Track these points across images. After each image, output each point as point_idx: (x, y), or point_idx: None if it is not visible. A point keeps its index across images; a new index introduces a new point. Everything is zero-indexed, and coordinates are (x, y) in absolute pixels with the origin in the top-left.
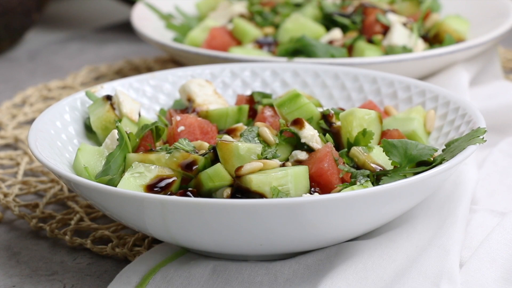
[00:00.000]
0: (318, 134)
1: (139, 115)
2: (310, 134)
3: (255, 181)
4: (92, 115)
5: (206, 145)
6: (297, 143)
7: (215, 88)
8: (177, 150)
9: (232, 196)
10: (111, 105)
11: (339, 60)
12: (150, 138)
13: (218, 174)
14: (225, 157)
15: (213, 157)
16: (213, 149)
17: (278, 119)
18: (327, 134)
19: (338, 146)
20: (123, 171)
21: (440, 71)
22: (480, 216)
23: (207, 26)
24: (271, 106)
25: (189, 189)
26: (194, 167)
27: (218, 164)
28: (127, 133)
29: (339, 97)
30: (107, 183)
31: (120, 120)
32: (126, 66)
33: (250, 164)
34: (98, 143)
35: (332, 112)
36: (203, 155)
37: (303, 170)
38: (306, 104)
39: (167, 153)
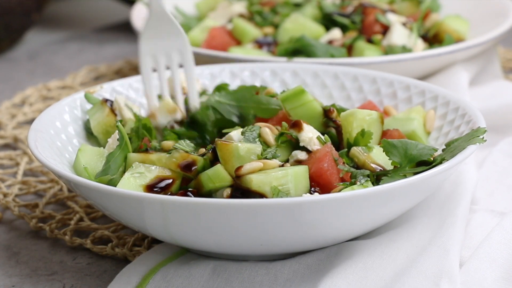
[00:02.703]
0: (317, 136)
1: None
2: (308, 137)
3: (255, 181)
4: (92, 120)
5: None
6: (296, 145)
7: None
8: (176, 150)
9: (232, 196)
10: (111, 109)
11: (339, 60)
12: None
13: (218, 175)
14: (225, 157)
15: (213, 158)
16: (213, 149)
17: (280, 117)
18: (325, 135)
19: (339, 144)
20: (124, 171)
21: (439, 71)
22: (480, 216)
23: (206, 26)
24: None
25: (190, 189)
26: (194, 168)
27: (218, 165)
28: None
29: (338, 97)
30: (107, 183)
31: (121, 120)
32: (125, 66)
33: (250, 164)
34: (98, 143)
35: (333, 108)
36: (202, 155)
37: (303, 170)
38: (311, 102)
39: (167, 153)
